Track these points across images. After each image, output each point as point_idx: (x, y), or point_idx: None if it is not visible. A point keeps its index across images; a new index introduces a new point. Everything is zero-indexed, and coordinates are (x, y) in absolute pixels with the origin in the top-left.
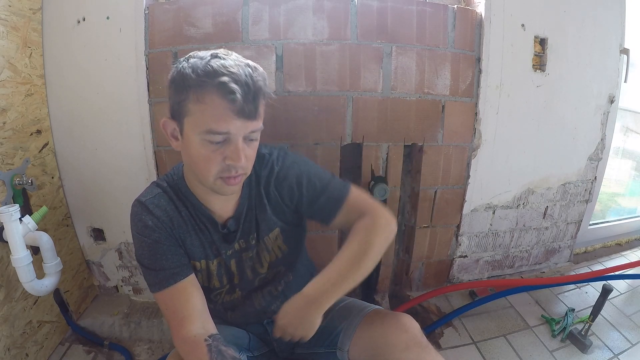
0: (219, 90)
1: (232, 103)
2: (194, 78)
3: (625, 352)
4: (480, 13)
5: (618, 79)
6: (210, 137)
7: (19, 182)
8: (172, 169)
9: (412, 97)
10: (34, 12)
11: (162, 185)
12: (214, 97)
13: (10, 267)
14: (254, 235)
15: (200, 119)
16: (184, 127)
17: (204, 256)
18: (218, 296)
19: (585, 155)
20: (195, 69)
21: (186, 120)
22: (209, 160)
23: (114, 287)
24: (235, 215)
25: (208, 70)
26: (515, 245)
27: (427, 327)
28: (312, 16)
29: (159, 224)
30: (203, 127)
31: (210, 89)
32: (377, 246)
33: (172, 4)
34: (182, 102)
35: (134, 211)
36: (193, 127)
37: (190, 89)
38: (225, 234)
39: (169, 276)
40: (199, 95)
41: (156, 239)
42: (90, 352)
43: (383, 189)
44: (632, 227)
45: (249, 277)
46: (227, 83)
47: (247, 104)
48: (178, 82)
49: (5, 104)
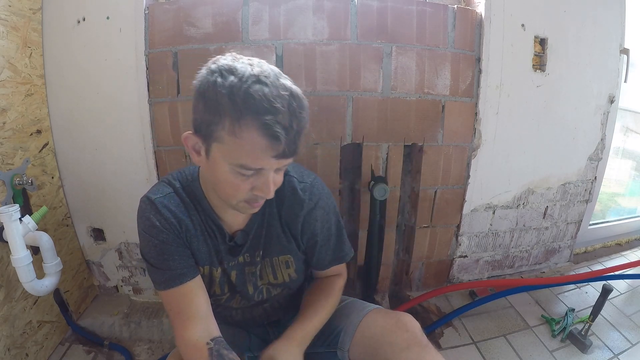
0: (260, 130)
1: (274, 146)
2: (232, 107)
3: (625, 352)
4: (480, 13)
5: (618, 79)
6: (241, 171)
7: (19, 182)
8: (186, 169)
9: (412, 97)
10: (34, 12)
11: (174, 185)
12: (253, 135)
13: (10, 267)
14: (260, 252)
15: (233, 152)
16: (211, 150)
17: (208, 262)
18: (218, 301)
19: (585, 155)
20: (232, 94)
21: (215, 145)
22: (237, 188)
23: (114, 287)
24: (246, 229)
25: (249, 100)
26: (515, 245)
27: (427, 327)
28: (312, 16)
29: (166, 225)
30: (235, 160)
31: (251, 125)
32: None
33: (172, 4)
34: (214, 127)
35: (142, 208)
36: (223, 155)
37: (225, 116)
38: (232, 246)
39: (175, 277)
40: (235, 128)
41: (163, 240)
42: (90, 352)
43: (383, 189)
44: (632, 227)
45: (249, 291)
46: (270, 125)
47: (289, 146)
48: (211, 100)
49: (5, 104)
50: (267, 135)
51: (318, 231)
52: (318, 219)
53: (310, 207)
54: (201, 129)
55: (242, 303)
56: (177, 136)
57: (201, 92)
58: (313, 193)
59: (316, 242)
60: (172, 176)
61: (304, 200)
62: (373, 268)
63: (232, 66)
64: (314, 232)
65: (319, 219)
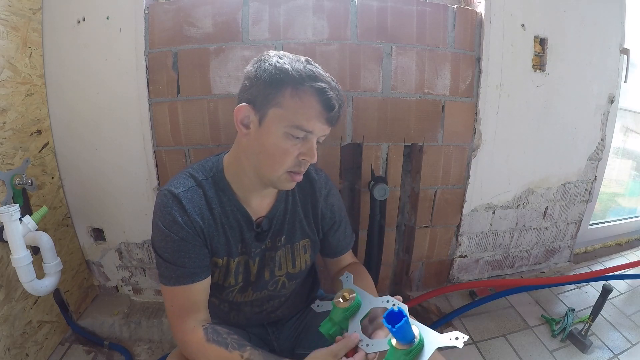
0: (319, 95)
1: (327, 110)
2: (296, 76)
3: (625, 352)
4: (480, 13)
5: (618, 79)
6: (295, 132)
7: (19, 182)
8: (206, 161)
9: (412, 97)
10: (34, 12)
11: (197, 178)
12: (312, 98)
13: (10, 267)
14: (282, 238)
15: (291, 113)
16: (266, 116)
17: (227, 253)
18: (230, 294)
19: (585, 155)
20: (296, 68)
21: (272, 111)
22: (286, 153)
23: (114, 287)
24: (269, 215)
25: (310, 73)
26: (515, 245)
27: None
28: (312, 16)
29: (189, 223)
30: (293, 121)
31: (310, 90)
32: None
33: (172, 4)
34: (273, 93)
35: (164, 202)
36: (280, 119)
37: (289, 84)
38: (259, 233)
39: (188, 275)
40: (299, 92)
41: (183, 237)
42: (90, 352)
43: (383, 189)
44: (632, 227)
45: (266, 277)
46: (326, 89)
47: (337, 114)
48: (274, 74)
49: (5, 104)
50: (323, 102)
51: (336, 215)
52: (334, 204)
53: (326, 194)
54: (257, 99)
55: (253, 295)
56: (177, 136)
57: (262, 69)
58: (326, 181)
59: (334, 226)
60: (194, 168)
61: (322, 187)
62: (373, 268)
63: (281, 53)
64: (332, 216)
65: (335, 204)
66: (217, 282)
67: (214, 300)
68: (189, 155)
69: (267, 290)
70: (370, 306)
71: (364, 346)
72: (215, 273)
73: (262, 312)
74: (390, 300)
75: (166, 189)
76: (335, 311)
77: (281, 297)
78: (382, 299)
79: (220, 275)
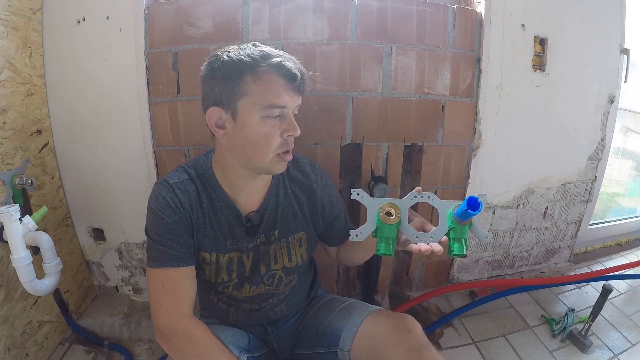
0: (278, 70)
1: (291, 80)
2: (250, 62)
3: (625, 352)
4: (480, 13)
5: (618, 79)
6: (270, 112)
7: (19, 182)
8: (197, 159)
9: (412, 97)
10: (34, 12)
11: (190, 173)
12: (273, 75)
13: (10, 267)
14: (276, 232)
15: (260, 97)
16: (238, 109)
17: (215, 249)
18: (225, 289)
19: (585, 155)
20: (247, 55)
21: (242, 102)
22: (269, 136)
23: (114, 287)
24: (260, 210)
25: (262, 54)
26: (515, 245)
27: (427, 327)
28: (312, 16)
29: (181, 208)
30: (264, 103)
31: (269, 69)
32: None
33: (172, 4)
34: (236, 86)
35: (159, 189)
36: (252, 106)
37: (247, 72)
38: (249, 228)
39: (174, 257)
40: (259, 74)
41: (175, 221)
42: (90, 352)
43: (383, 189)
44: (632, 227)
45: (261, 272)
46: (283, 62)
47: (301, 80)
48: (228, 69)
49: (5, 104)
50: (285, 74)
51: (335, 204)
52: (332, 194)
53: (323, 184)
54: (223, 98)
55: (250, 291)
56: (177, 136)
57: (215, 70)
58: (321, 172)
59: (335, 215)
60: (188, 165)
61: (317, 178)
62: (373, 268)
63: (228, 48)
64: (332, 205)
65: (333, 194)
66: (210, 279)
67: (212, 297)
68: (189, 155)
69: (264, 285)
70: (404, 206)
71: (427, 238)
72: (206, 270)
73: (261, 309)
74: (417, 195)
75: (161, 180)
76: (386, 229)
77: (280, 295)
78: (409, 196)
79: (212, 272)
